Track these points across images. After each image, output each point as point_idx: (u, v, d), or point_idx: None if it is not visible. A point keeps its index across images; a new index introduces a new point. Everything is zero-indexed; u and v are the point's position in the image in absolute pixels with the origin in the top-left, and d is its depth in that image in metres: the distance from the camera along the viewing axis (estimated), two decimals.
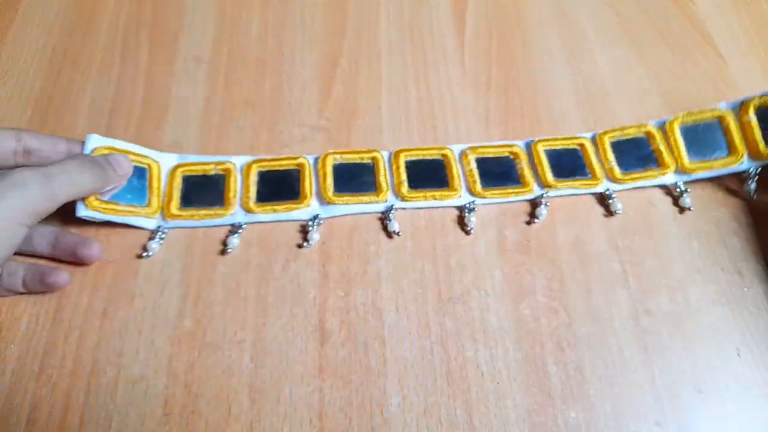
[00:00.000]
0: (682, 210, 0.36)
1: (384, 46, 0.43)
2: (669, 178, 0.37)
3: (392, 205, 0.35)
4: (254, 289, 0.32)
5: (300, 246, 0.34)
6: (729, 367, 0.31)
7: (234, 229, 0.34)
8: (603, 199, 0.36)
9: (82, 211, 0.31)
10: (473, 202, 0.35)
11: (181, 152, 0.37)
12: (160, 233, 0.33)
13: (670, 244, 0.35)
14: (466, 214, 0.35)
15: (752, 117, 0.36)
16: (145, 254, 0.33)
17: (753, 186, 0.36)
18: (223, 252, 0.33)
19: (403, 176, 0.36)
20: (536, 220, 0.35)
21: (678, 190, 0.36)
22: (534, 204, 0.36)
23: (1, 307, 0.31)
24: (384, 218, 0.35)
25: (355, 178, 0.36)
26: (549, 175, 0.36)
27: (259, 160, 0.36)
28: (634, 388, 0.30)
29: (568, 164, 0.37)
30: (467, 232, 0.35)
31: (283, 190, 0.35)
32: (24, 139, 0.31)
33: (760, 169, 0.36)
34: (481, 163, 0.37)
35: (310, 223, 0.34)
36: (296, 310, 0.32)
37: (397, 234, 0.34)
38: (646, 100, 0.41)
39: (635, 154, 0.37)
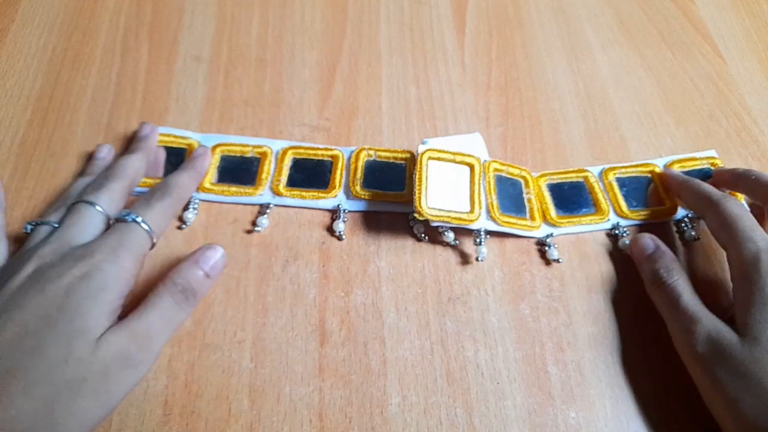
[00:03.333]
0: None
1: (384, 46, 0.43)
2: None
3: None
4: (254, 289, 0.32)
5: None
6: None
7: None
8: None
9: None
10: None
11: None
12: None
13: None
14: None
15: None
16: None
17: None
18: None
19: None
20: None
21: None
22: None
23: None
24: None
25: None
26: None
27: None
28: (633, 388, 0.30)
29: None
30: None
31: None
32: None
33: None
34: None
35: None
36: (296, 310, 0.32)
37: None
38: (646, 100, 0.41)
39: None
